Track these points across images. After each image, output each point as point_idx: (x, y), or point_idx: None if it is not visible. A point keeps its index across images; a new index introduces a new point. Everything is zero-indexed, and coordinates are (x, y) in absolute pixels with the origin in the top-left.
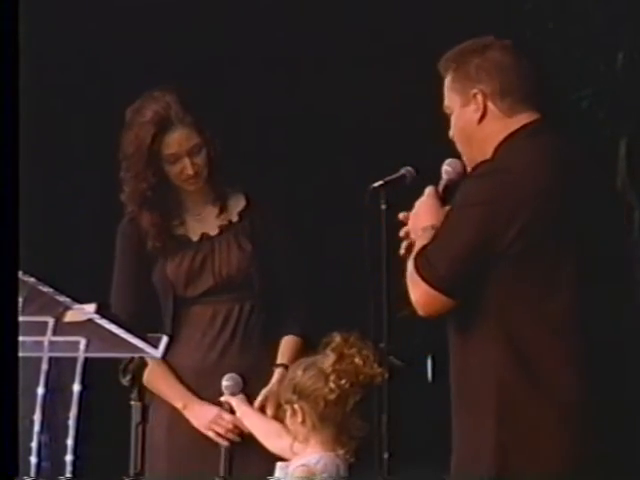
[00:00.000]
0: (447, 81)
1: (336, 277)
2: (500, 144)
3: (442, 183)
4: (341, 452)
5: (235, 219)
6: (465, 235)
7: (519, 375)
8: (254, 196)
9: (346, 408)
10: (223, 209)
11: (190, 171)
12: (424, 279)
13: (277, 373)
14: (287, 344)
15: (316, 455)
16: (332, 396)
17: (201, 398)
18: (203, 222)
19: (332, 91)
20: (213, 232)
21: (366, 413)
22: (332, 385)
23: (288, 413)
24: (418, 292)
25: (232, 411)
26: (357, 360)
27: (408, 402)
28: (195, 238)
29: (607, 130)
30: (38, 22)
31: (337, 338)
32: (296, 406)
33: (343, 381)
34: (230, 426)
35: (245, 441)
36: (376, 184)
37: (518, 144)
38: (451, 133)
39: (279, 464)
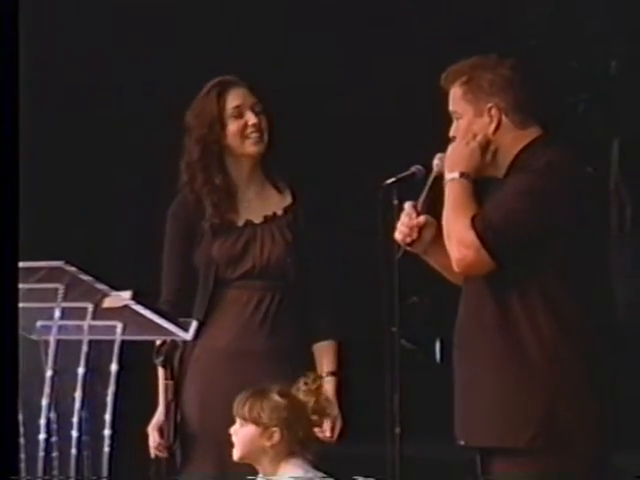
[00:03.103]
0: (457, 90)
1: (352, 267)
2: (521, 151)
3: (432, 174)
4: (309, 456)
5: (280, 213)
6: (525, 215)
7: (567, 346)
8: (300, 195)
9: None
10: (271, 201)
11: (254, 120)
12: (483, 241)
13: (330, 382)
14: (328, 350)
15: (299, 466)
16: (308, 427)
17: (228, 380)
18: (250, 210)
19: (349, 99)
20: (257, 220)
21: (379, 391)
22: (314, 417)
23: (256, 431)
24: (466, 251)
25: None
26: (324, 400)
27: (418, 381)
28: (240, 223)
29: (601, 131)
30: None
31: (312, 378)
32: (274, 429)
33: (315, 416)
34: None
35: None
36: (389, 181)
37: (539, 152)
38: (452, 134)
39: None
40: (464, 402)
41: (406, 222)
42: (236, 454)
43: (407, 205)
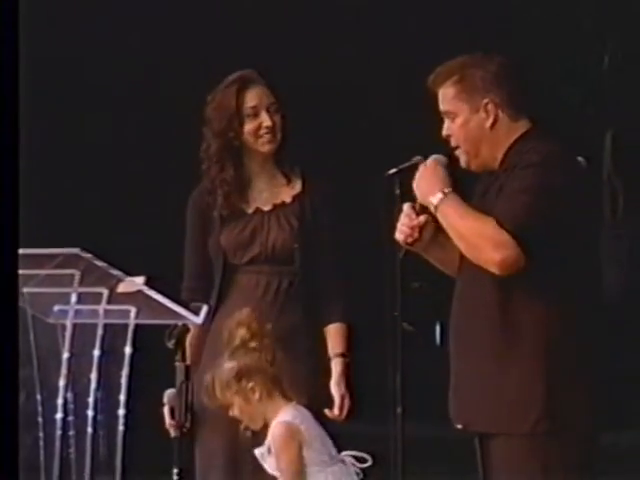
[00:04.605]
0: (449, 90)
1: (356, 253)
2: (514, 143)
3: None
4: (295, 399)
5: (288, 201)
6: (536, 209)
7: (567, 333)
8: (310, 183)
9: (280, 361)
10: (281, 190)
11: (269, 122)
12: (516, 239)
13: (339, 363)
14: (338, 332)
15: (283, 411)
16: (268, 356)
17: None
18: (261, 198)
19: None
20: (266, 208)
21: (382, 373)
22: (256, 345)
23: (240, 400)
24: (506, 251)
25: None
26: (253, 322)
27: (419, 363)
28: (250, 211)
29: (595, 124)
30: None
31: (233, 322)
32: (249, 385)
33: (264, 340)
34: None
35: None
36: (391, 171)
37: (531, 144)
38: (447, 132)
39: (257, 451)
40: (462, 387)
41: (406, 222)
42: (254, 427)
43: (406, 206)
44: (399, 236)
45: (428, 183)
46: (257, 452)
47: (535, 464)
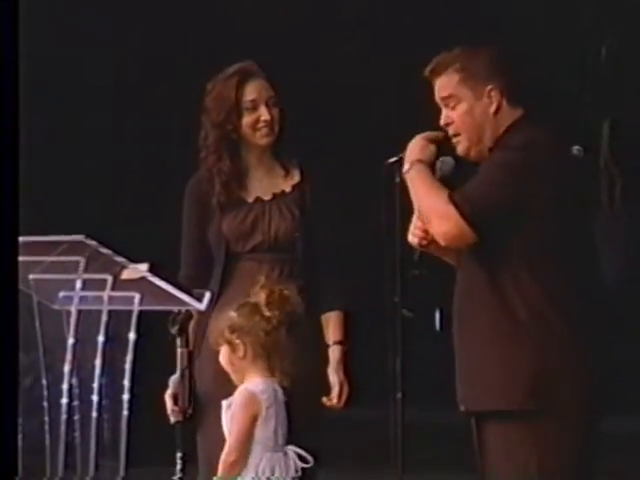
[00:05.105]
0: (452, 77)
1: (356, 241)
2: (506, 130)
3: (436, 177)
4: (278, 377)
5: (288, 190)
6: (504, 189)
7: (555, 312)
8: (308, 173)
9: (280, 336)
10: (280, 180)
11: (267, 116)
12: (461, 212)
13: (337, 350)
14: (336, 320)
15: (258, 380)
16: (269, 326)
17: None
18: (260, 188)
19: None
20: (266, 197)
21: (382, 359)
22: (268, 314)
23: (227, 350)
24: (448, 224)
25: None
26: (285, 293)
27: (419, 349)
28: (250, 200)
29: (592, 113)
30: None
31: (263, 279)
32: (237, 341)
33: (276, 312)
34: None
35: None
36: (391, 160)
37: (521, 130)
38: (446, 121)
39: (224, 402)
40: (462, 370)
41: (420, 225)
42: (235, 380)
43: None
44: (413, 239)
45: (408, 152)
46: (224, 402)
47: (527, 444)
